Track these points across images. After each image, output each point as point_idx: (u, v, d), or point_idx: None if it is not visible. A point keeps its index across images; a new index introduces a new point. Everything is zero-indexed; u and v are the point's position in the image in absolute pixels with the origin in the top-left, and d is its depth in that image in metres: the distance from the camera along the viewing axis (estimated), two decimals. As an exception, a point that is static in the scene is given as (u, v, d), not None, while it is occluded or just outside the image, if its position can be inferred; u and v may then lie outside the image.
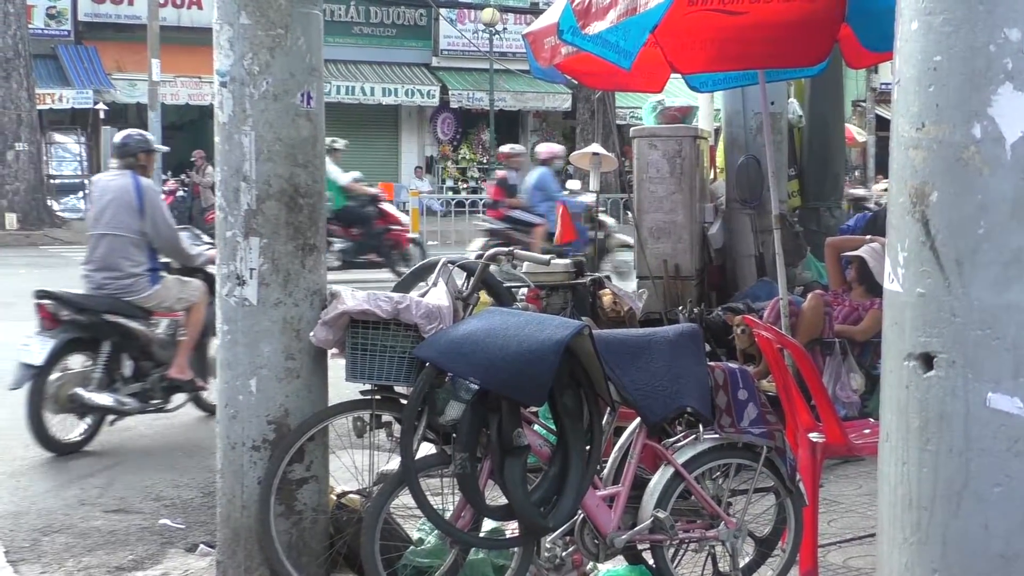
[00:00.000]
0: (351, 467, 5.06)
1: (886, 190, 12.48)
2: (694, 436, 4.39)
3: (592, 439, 4.19)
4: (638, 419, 4.33)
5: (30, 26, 25.53)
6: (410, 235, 16.02)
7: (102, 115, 28.19)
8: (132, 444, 7.06)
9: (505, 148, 14.63)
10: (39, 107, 25.45)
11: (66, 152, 29.56)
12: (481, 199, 22.14)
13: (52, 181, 28.04)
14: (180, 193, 23.79)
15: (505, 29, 31.34)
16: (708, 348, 6.89)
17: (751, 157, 8.71)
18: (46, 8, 28.53)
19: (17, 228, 23.58)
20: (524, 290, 7.23)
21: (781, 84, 8.56)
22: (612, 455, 4.47)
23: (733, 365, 4.67)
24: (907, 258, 2.08)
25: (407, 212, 20.62)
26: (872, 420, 5.16)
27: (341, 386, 4.81)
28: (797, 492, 4.45)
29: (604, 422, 4.32)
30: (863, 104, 35.85)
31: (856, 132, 23.27)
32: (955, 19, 2.00)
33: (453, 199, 23.90)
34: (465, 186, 32.97)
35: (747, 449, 4.38)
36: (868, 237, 7.17)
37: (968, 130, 1.99)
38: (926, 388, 2.07)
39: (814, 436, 4.64)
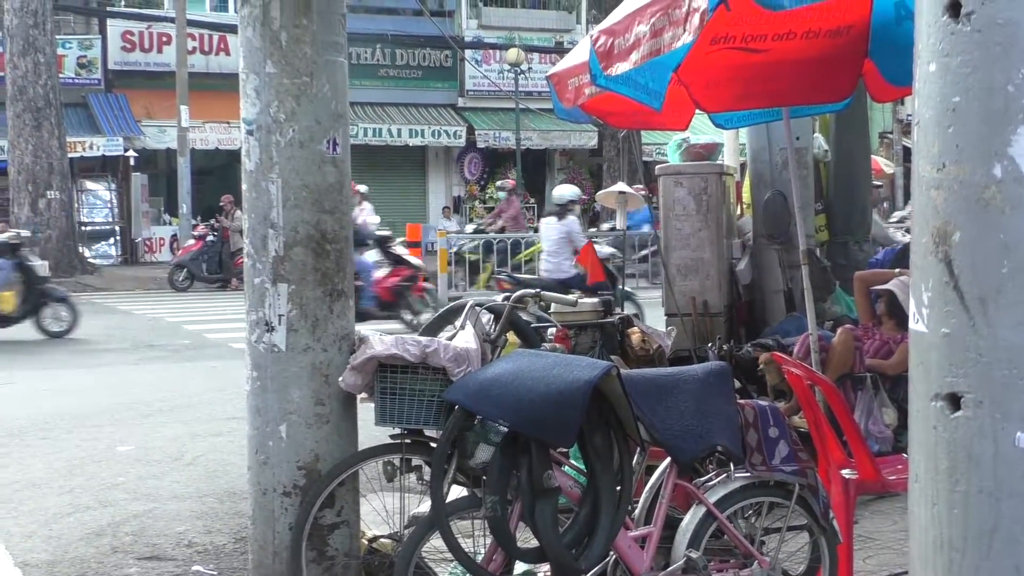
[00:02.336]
0: (381, 511, 5.06)
1: (903, 219, 12.45)
2: (725, 475, 4.37)
3: (623, 479, 4.18)
4: (669, 458, 4.32)
5: (61, 75, 25.86)
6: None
7: (132, 162, 28.47)
8: (164, 490, 7.08)
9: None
10: (70, 155, 25.72)
11: (97, 199, 29.85)
12: (509, 238, 22.17)
13: (83, 228, 28.29)
14: (210, 238, 23.94)
15: (530, 69, 31.50)
16: (738, 385, 6.86)
17: (777, 192, 8.70)
18: (77, 57, 28.92)
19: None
20: (552, 330, 7.23)
21: (806, 119, 8.56)
22: (643, 495, 4.45)
23: (763, 402, 4.65)
24: (931, 298, 2.08)
25: (435, 252, 20.68)
26: (905, 456, 5.11)
27: (370, 430, 4.83)
28: (831, 530, 4.41)
29: (634, 462, 4.31)
30: (890, 136, 35.79)
31: (884, 164, 23.20)
32: (972, 60, 2.01)
33: (481, 238, 23.90)
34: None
35: (779, 487, 4.36)
36: (897, 271, 7.14)
37: (989, 170, 1.99)
38: (954, 428, 2.06)
39: (847, 473, 4.61)
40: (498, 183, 25.09)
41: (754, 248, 9.06)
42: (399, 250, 14.96)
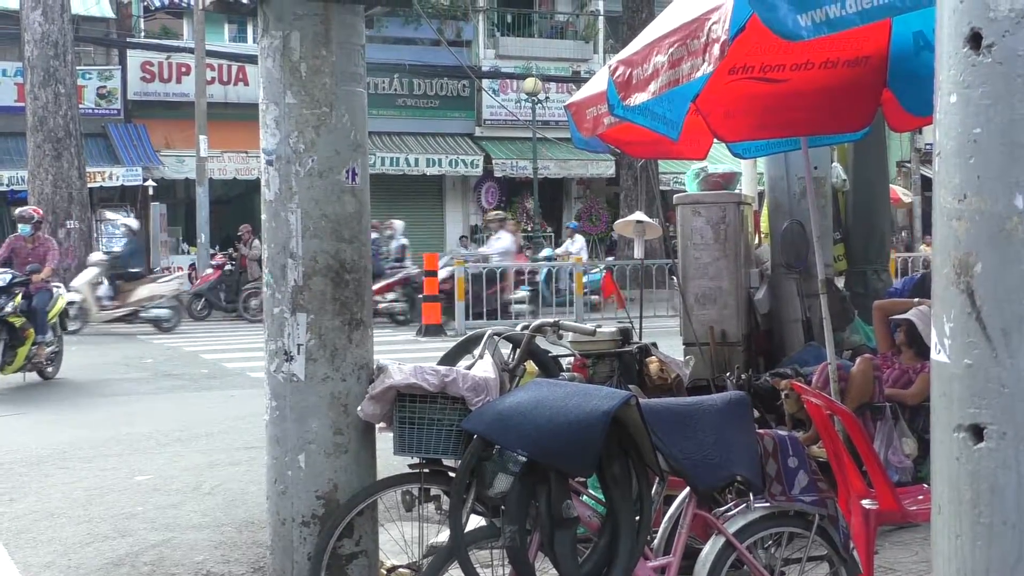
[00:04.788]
0: (400, 540, 5.06)
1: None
2: (745, 505, 4.36)
3: (642, 509, 4.17)
4: (688, 488, 4.31)
5: (81, 106, 26.03)
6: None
7: (151, 191, 28.61)
8: (182, 520, 7.08)
9: None
10: (90, 185, 25.87)
11: (116, 229, 29.98)
12: (527, 267, 22.21)
13: (103, 258, 28.39)
14: (228, 267, 24.04)
15: (547, 98, 31.59)
16: (757, 414, 6.84)
17: (795, 222, 8.69)
18: (96, 88, 29.13)
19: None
20: (570, 359, 7.22)
21: (824, 148, 8.57)
22: (662, 525, 4.44)
23: (782, 432, 4.64)
24: (953, 329, 2.07)
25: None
26: (926, 486, 5.09)
27: (389, 460, 4.83)
28: (851, 560, 4.39)
29: (653, 491, 4.31)
30: (908, 165, 35.74)
31: (901, 193, 23.19)
32: (993, 92, 2.01)
33: (498, 267, 23.94)
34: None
35: (799, 517, 4.34)
36: (916, 300, 7.12)
37: (1010, 201, 1.99)
38: (977, 460, 2.05)
39: (867, 503, 4.59)
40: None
41: (772, 277, 9.05)
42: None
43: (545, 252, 25.54)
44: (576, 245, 25.83)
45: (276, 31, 4.69)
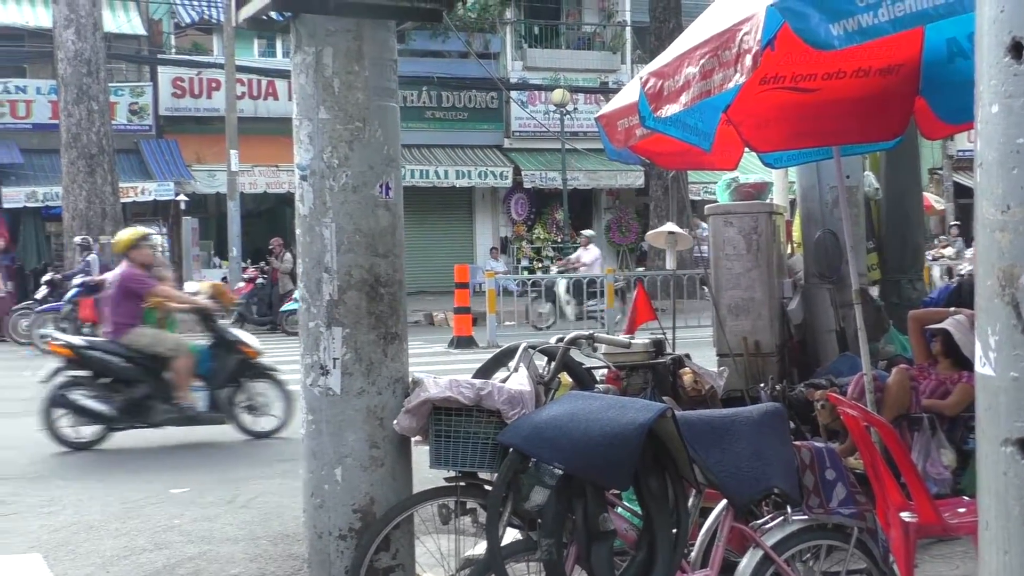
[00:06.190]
0: (436, 553, 5.05)
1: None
2: (782, 517, 4.34)
3: (678, 522, 4.16)
4: (724, 501, 4.29)
5: (113, 122, 26.22)
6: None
7: (183, 206, 28.79)
8: (218, 533, 7.11)
9: None
10: (122, 200, 26.03)
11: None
12: (555, 279, 22.20)
13: (136, 272, 28.53)
14: (259, 280, 24.13)
15: (576, 109, 31.57)
16: (792, 426, 6.80)
17: (828, 231, 8.65)
18: (129, 104, 29.31)
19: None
20: (604, 371, 7.21)
21: (856, 157, 8.53)
22: (699, 538, 4.42)
23: (819, 444, 4.62)
24: (998, 342, 2.06)
25: (483, 293, 20.73)
26: (966, 498, 5.05)
27: (424, 473, 4.83)
28: (891, 574, 4.36)
29: (690, 504, 4.29)
30: (940, 172, 35.51)
31: (934, 200, 23.06)
32: (1037, 101, 2.00)
33: (529, 279, 23.95)
34: (540, 265, 33.06)
35: (837, 530, 4.31)
36: (952, 309, 7.07)
37: (1055, 211, 1.98)
38: (1025, 473, 2.03)
39: (906, 515, 4.55)
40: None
41: (805, 287, 9.01)
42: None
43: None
44: (590, 255, 24.42)
45: (309, 47, 4.71)
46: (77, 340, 10.64)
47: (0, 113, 27.38)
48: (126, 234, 10.63)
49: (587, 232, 25.67)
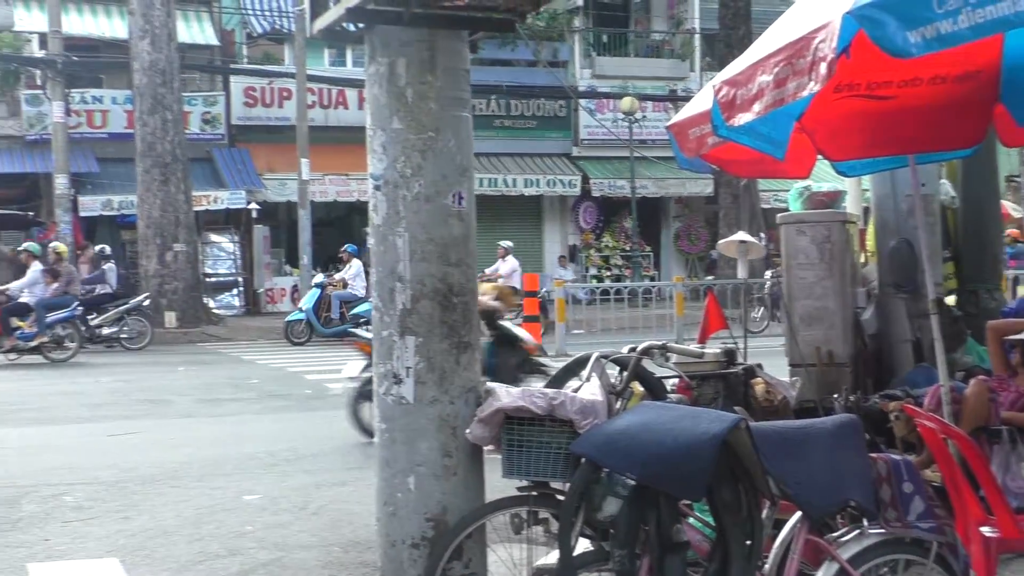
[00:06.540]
0: (507, 561, 5.06)
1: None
2: (859, 531, 4.28)
3: (752, 534, 4.12)
4: (799, 513, 4.24)
5: (187, 131, 26.61)
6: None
7: (254, 214, 29.11)
8: (291, 539, 7.17)
9: None
10: (195, 209, 26.41)
11: (221, 251, 30.56)
12: (626, 287, 22.10)
13: (208, 280, 28.97)
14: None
15: (644, 117, 31.51)
16: (867, 437, 6.71)
17: (903, 240, 8.52)
18: (201, 113, 29.74)
19: (176, 326, 24.38)
20: (674, 381, 7.17)
21: (932, 165, 8.39)
22: (773, 550, 4.38)
23: (896, 456, 4.55)
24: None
25: (552, 302, 20.71)
26: (1048, 513, 4.94)
27: (496, 482, 4.83)
28: (971, 589, 4.29)
29: (764, 516, 4.25)
30: (1017, 179, 34.87)
31: (1011, 208, 22.64)
32: None
33: (597, 287, 23.92)
34: (609, 274, 33.00)
35: (916, 544, 4.25)
36: (1031, 320, 6.93)
37: None
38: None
39: (987, 530, 4.47)
40: None
41: (879, 297, 8.89)
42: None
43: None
44: (507, 266, 23.40)
45: (382, 58, 4.75)
46: None
47: (77, 123, 27.88)
48: None
49: (504, 243, 24.43)
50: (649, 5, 36.00)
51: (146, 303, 21.42)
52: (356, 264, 23.30)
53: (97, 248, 24.00)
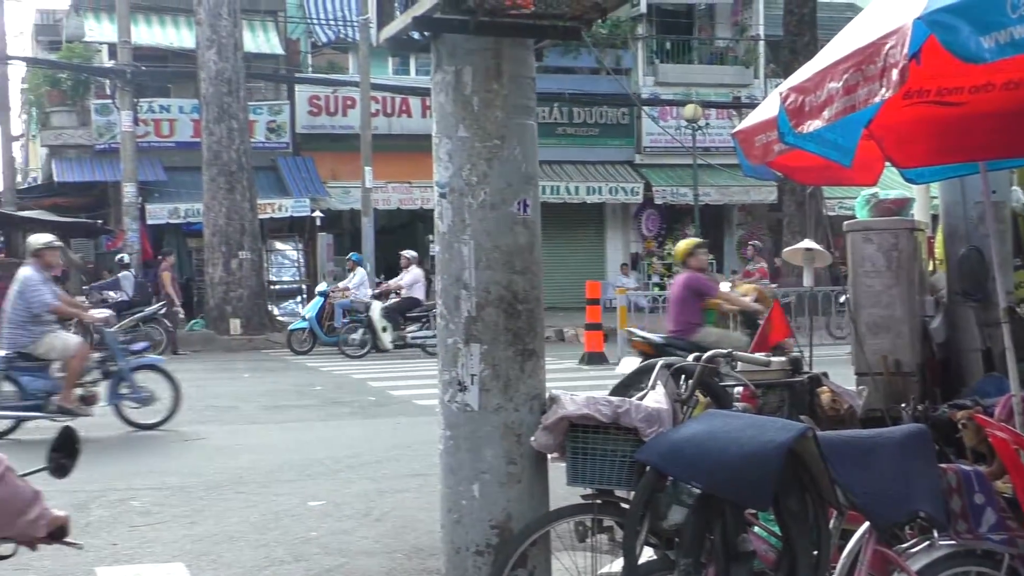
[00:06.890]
0: (571, 569, 5.05)
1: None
2: (928, 542, 4.22)
3: (819, 544, 4.09)
4: (867, 523, 4.19)
5: (252, 140, 26.91)
6: None
7: (318, 222, 29.34)
8: (354, 546, 7.22)
9: None
10: (260, 216, 26.68)
11: (285, 259, 30.85)
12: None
13: (272, 287, 29.24)
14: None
15: (707, 124, 31.34)
16: (936, 448, 6.62)
17: (973, 248, 8.40)
18: (267, 122, 30.04)
19: (241, 333, 24.64)
20: (739, 389, 7.12)
21: (1003, 172, 8.25)
22: (840, 561, 4.33)
23: (967, 467, 4.49)
24: None
25: (614, 309, 20.65)
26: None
27: (560, 490, 4.83)
28: (1043, 603, 4.21)
29: (831, 526, 4.21)
30: (1088, 186, 34.30)
31: (1083, 215, 22.20)
32: None
33: (660, 295, 23.81)
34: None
35: (987, 556, 4.18)
36: (1106, 330, 6.81)
37: None
38: None
39: (1060, 543, 4.39)
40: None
41: (948, 305, 8.76)
42: None
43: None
44: (410, 277, 22.15)
45: (448, 66, 4.77)
46: (655, 337, 11.20)
47: (145, 132, 28.31)
48: (684, 244, 11.66)
49: (407, 253, 22.80)
50: (713, 12, 35.83)
51: (162, 311, 21.34)
52: (360, 273, 23.49)
53: (117, 257, 24.29)
